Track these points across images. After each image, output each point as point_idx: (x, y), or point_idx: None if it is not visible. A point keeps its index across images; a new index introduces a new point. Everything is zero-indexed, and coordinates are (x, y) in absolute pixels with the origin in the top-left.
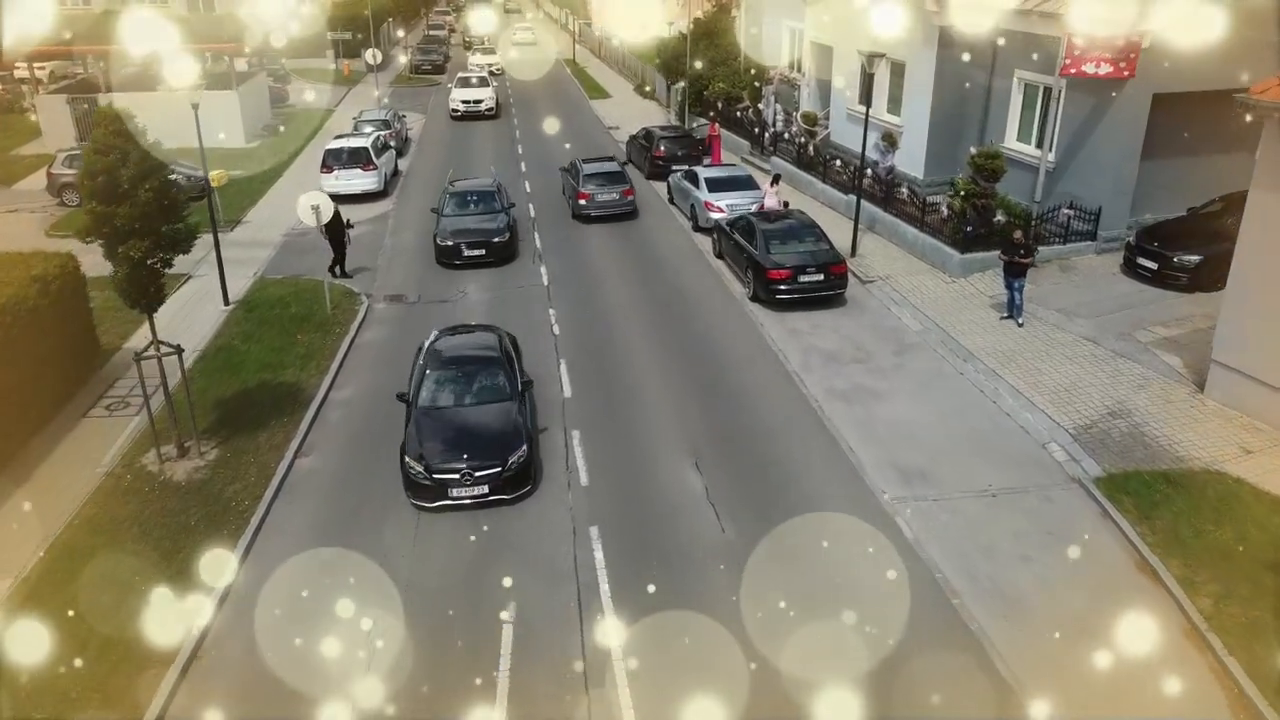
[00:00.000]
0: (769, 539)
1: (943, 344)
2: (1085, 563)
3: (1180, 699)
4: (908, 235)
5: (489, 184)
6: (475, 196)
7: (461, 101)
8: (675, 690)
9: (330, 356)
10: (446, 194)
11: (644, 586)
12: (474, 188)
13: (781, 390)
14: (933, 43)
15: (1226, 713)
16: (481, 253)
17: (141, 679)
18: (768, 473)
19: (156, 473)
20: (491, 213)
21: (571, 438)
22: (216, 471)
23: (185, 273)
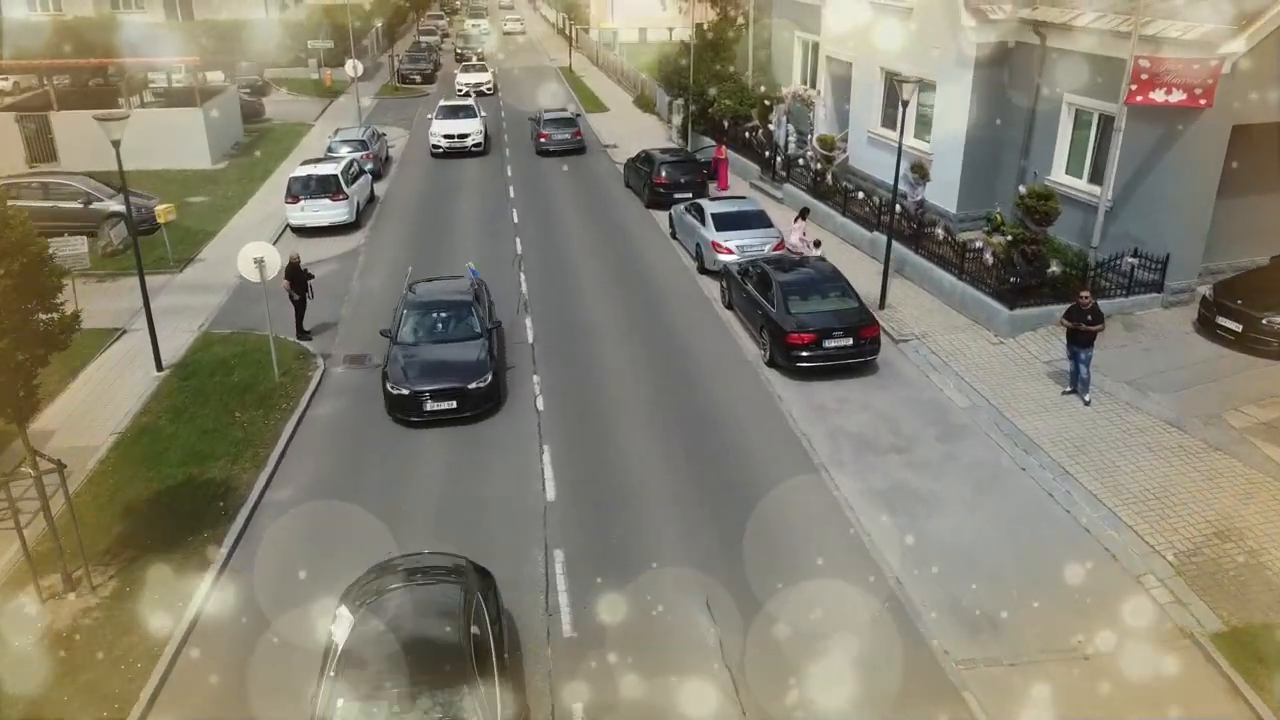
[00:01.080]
0: None
1: (996, 426)
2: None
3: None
4: (944, 283)
5: (464, 290)
6: (444, 312)
7: (444, 136)
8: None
9: (271, 442)
10: (402, 307)
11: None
12: (442, 295)
13: (808, 493)
14: (969, 61)
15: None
16: (452, 405)
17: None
18: (798, 625)
19: (34, 616)
20: (466, 338)
21: (553, 558)
22: (111, 613)
23: (118, 327)
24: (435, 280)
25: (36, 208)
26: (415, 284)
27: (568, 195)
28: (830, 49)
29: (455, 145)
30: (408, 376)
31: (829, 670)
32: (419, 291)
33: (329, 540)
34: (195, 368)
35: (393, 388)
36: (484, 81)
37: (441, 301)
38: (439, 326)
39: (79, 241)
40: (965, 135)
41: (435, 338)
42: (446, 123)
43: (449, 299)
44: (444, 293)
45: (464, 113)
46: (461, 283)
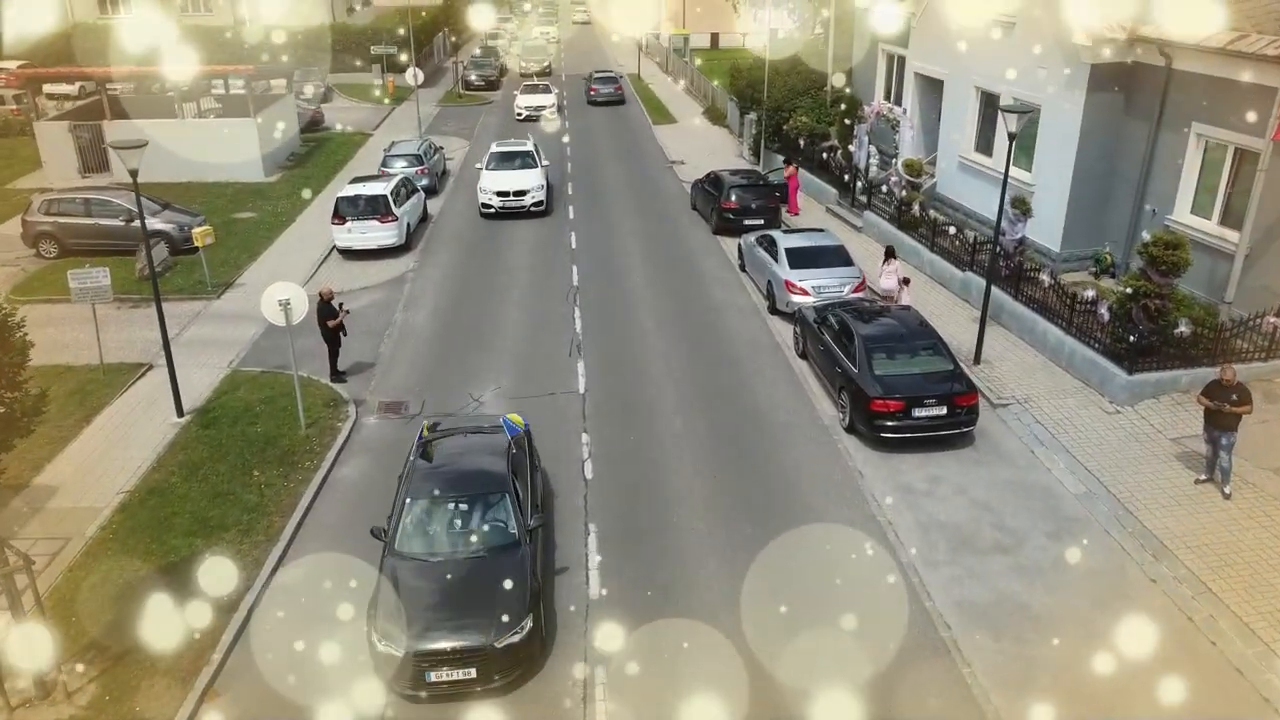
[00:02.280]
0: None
1: (1118, 522)
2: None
3: None
4: (1048, 336)
5: (496, 458)
6: (466, 500)
7: (496, 193)
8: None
9: (288, 510)
10: (406, 491)
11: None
12: (464, 467)
13: (894, 603)
14: (1080, 83)
15: None
16: (470, 674)
17: None
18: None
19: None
20: (497, 547)
21: (594, 677)
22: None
23: (145, 361)
24: (456, 434)
25: (79, 225)
26: (430, 443)
27: (630, 218)
28: (919, 64)
29: (510, 205)
30: (405, 624)
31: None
32: (434, 458)
33: (340, 637)
34: (218, 414)
35: (381, 643)
36: (546, 105)
37: (464, 477)
38: (457, 524)
39: (100, 274)
40: (1073, 166)
41: (450, 547)
42: (500, 175)
43: (475, 473)
44: (468, 462)
45: (521, 161)
46: (494, 443)
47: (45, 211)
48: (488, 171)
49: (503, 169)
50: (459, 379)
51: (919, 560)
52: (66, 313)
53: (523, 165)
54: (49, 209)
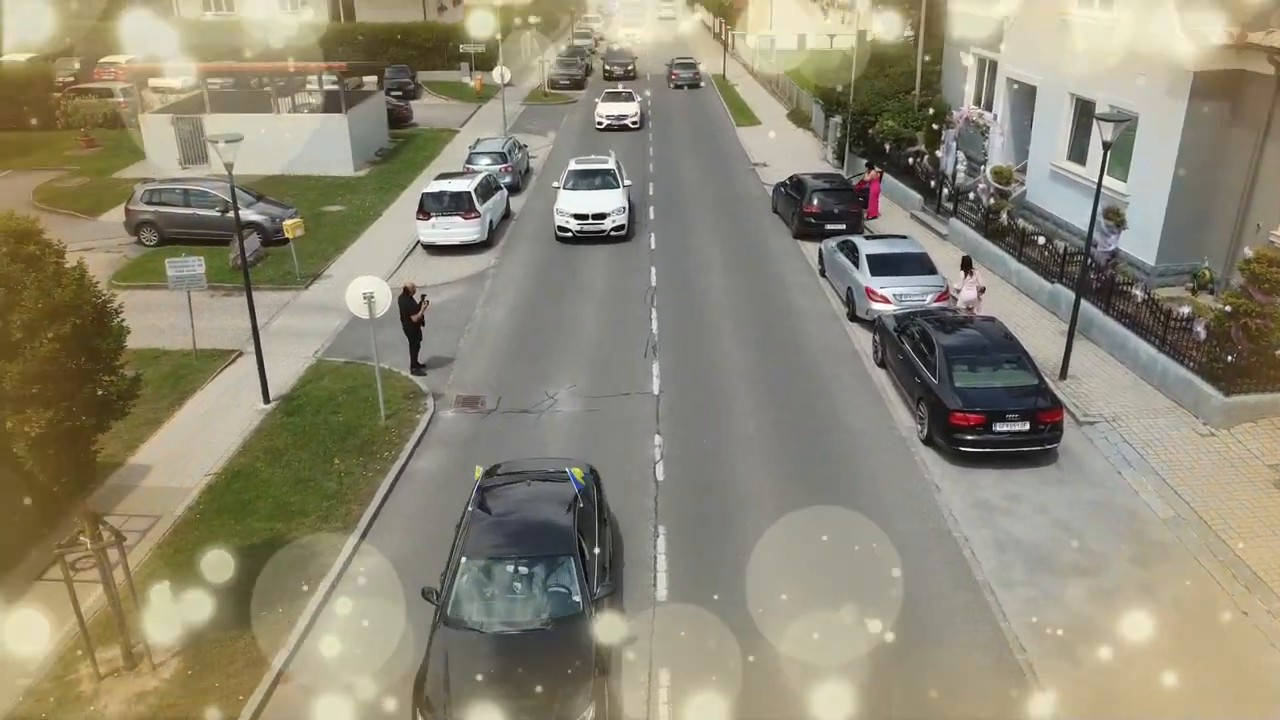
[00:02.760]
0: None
1: (1209, 550)
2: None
3: None
4: (1140, 353)
5: (560, 514)
6: (526, 557)
7: (574, 216)
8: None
9: (366, 499)
10: (467, 528)
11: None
12: (526, 523)
13: (967, 621)
14: (1182, 92)
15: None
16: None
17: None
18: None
19: (88, 696)
20: (558, 620)
21: (658, 674)
22: (166, 700)
23: (236, 348)
24: (518, 482)
25: (177, 214)
26: (490, 490)
27: (710, 220)
28: (1011, 69)
29: (589, 229)
30: (453, 708)
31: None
32: (494, 509)
33: (408, 629)
34: (302, 402)
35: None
36: (628, 114)
37: (525, 534)
38: (516, 590)
39: (196, 262)
40: (1171, 177)
41: (507, 617)
42: (578, 196)
43: (537, 530)
44: (530, 517)
45: (602, 180)
46: (559, 493)
47: (146, 201)
48: (565, 192)
49: (581, 189)
50: (535, 376)
51: (993, 578)
52: (163, 299)
53: (603, 185)
54: (150, 198)
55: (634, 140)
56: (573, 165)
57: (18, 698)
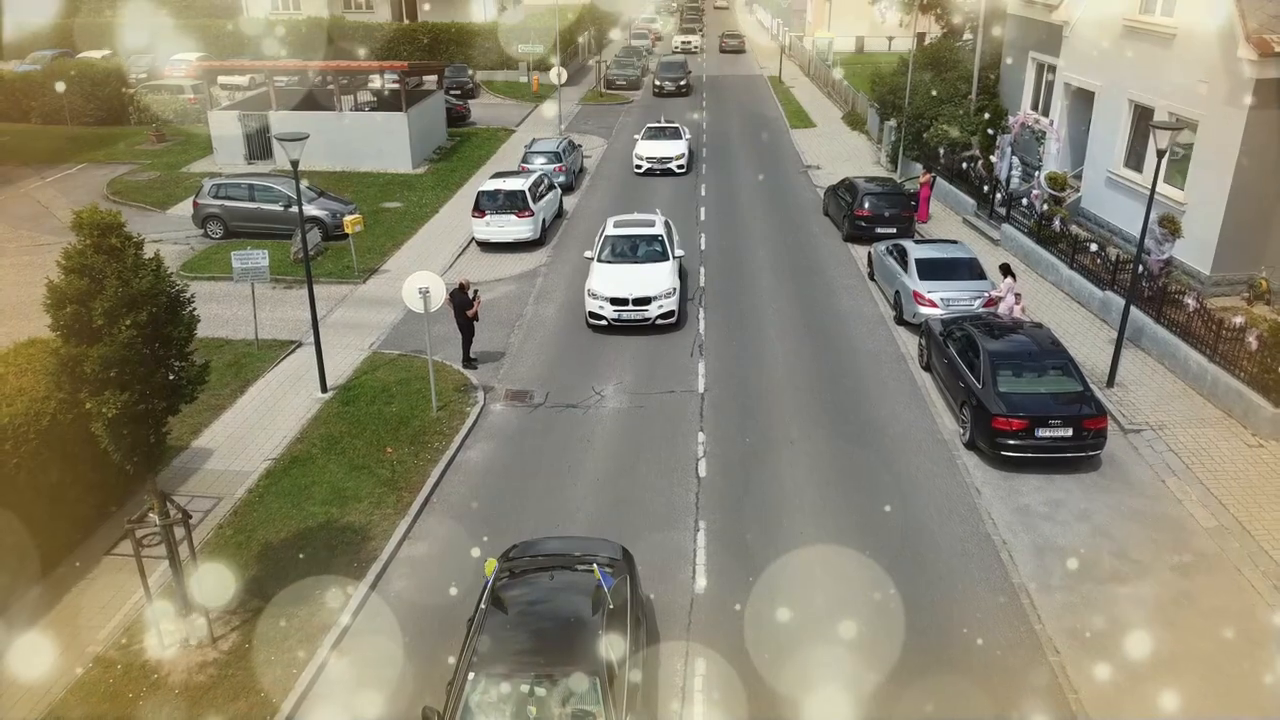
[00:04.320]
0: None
1: (1252, 561)
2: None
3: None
4: (1190, 362)
5: (586, 631)
6: (543, 674)
7: (610, 300)
8: None
9: (416, 487)
10: (477, 632)
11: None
12: (545, 629)
13: (1002, 623)
14: (1242, 100)
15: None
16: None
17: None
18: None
19: (153, 665)
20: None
21: (694, 657)
22: (225, 672)
23: (295, 339)
24: (539, 573)
25: (242, 208)
26: (506, 586)
27: (760, 220)
28: (1070, 75)
29: (628, 318)
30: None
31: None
32: (509, 609)
33: (455, 610)
34: (357, 392)
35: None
36: (672, 156)
37: (544, 645)
38: (532, 712)
39: (260, 255)
40: (1229, 185)
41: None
42: (616, 272)
43: (558, 641)
44: (551, 621)
45: (646, 250)
46: (585, 587)
47: (213, 195)
48: (599, 264)
49: (619, 262)
50: (583, 373)
51: (1029, 582)
52: (227, 290)
53: (648, 257)
54: (217, 193)
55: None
56: (610, 229)
57: (87, 665)
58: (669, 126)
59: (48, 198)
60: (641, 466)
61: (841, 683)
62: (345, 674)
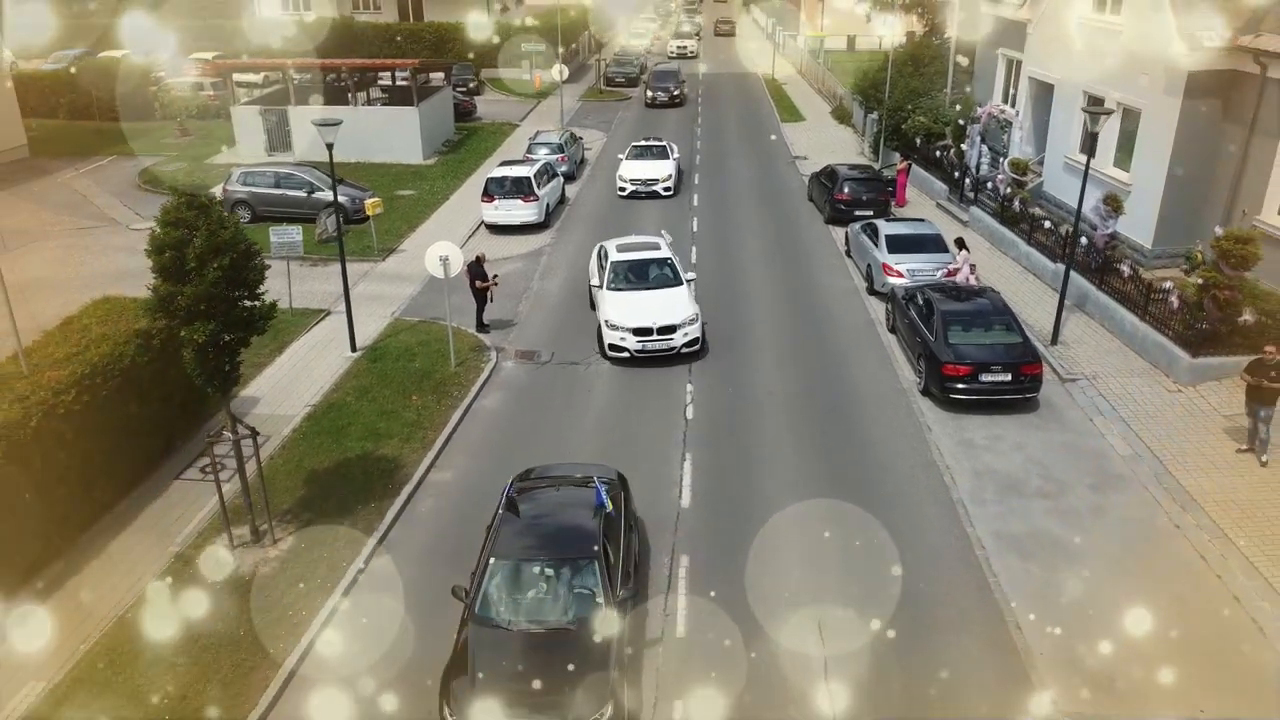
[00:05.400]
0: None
1: (1157, 481)
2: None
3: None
4: (1125, 323)
5: (587, 527)
6: (552, 559)
7: (632, 330)
8: None
9: (439, 427)
10: (497, 531)
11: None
12: (553, 527)
13: (939, 530)
14: (1178, 89)
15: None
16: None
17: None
18: (908, 659)
19: (224, 560)
20: (581, 620)
21: (678, 562)
22: (285, 565)
23: (324, 308)
24: (547, 487)
25: (269, 194)
26: (520, 496)
27: (749, 205)
28: (1033, 68)
29: (654, 346)
30: (477, 700)
31: (930, 696)
32: (523, 513)
33: (473, 527)
34: (383, 352)
35: (451, 717)
36: (659, 178)
37: (552, 538)
38: (542, 590)
39: (295, 231)
40: (1168, 167)
41: (533, 616)
42: (625, 301)
43: (564, 534)
44: (558, 521)
45: (658, 275)
46: (587, 499)
47: (242, 182)
48: (610, 293)
49: (632, 289)
50: (583, 337)
51: (967, 497)
52: None
53: (660, 282)
54: (245, 180)
55: (682, 126)
56: (614, 254)
57: (169, 561)
58: (656, 145)
59: (83, 186)
60: (636, 411)
61: (803, 572)
62: (386, 568)
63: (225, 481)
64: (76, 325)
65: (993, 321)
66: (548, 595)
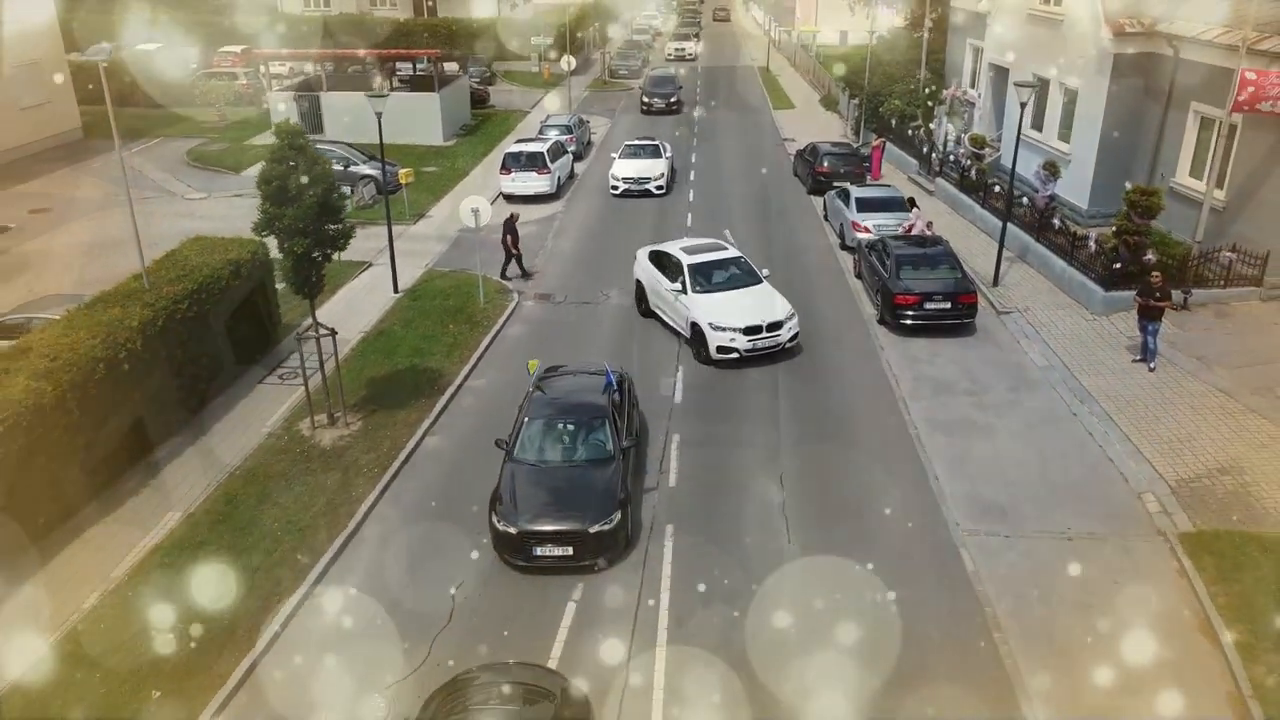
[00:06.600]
0: (833, 549)
1: (1064, 383)
2: (1145, 616)
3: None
4: (1055, 267)
5: (599, 399)
6: (572, 419)
7: (742, 331)
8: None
9: (474, 347)
10: (528, 403)
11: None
12: (572, 399)
13: (883, 416)
14: (1105, 70)
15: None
16: (568, 552)
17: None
18: (853, 493)
19: (308, 437)
20: (594, 460)
21: (671, 439)
22: (356, 441)
23: (367, 260)
24: (567, 373)
25: None
26: (545, 378)
27: (740, 181)
28: (992, 55)
29: (764, 342)
30: (519, 510)
31: (864, 530)
32: (548, 391)
33: (507, 415)
34: (421, 293)
35: (500, 523)
36: (651, 177)
37: (572, 405)
38: (564, 441)
39: (344, 189)
40: (1099, 138)
41: (557, 457)
42: (722, 301)
43: (581, 402)
44: (576, 396)
45: (734, 275)
46: (598, 382)
47: None
48: (698, 295)
49: (720, 290)
50: (592, 282)
51: (907, 395)
52: None
53: (743, 281)
54: None
55: (680, 122)
56: (684, 256)
57: (262, 438)
58: (649, 144)
59: (138, 164)
60: (640, 338)
61: (766, 436)
62: (438, 444)
63: (310, 376)
64: (178, 256)
65: (937, 262)
66: (568, 444)
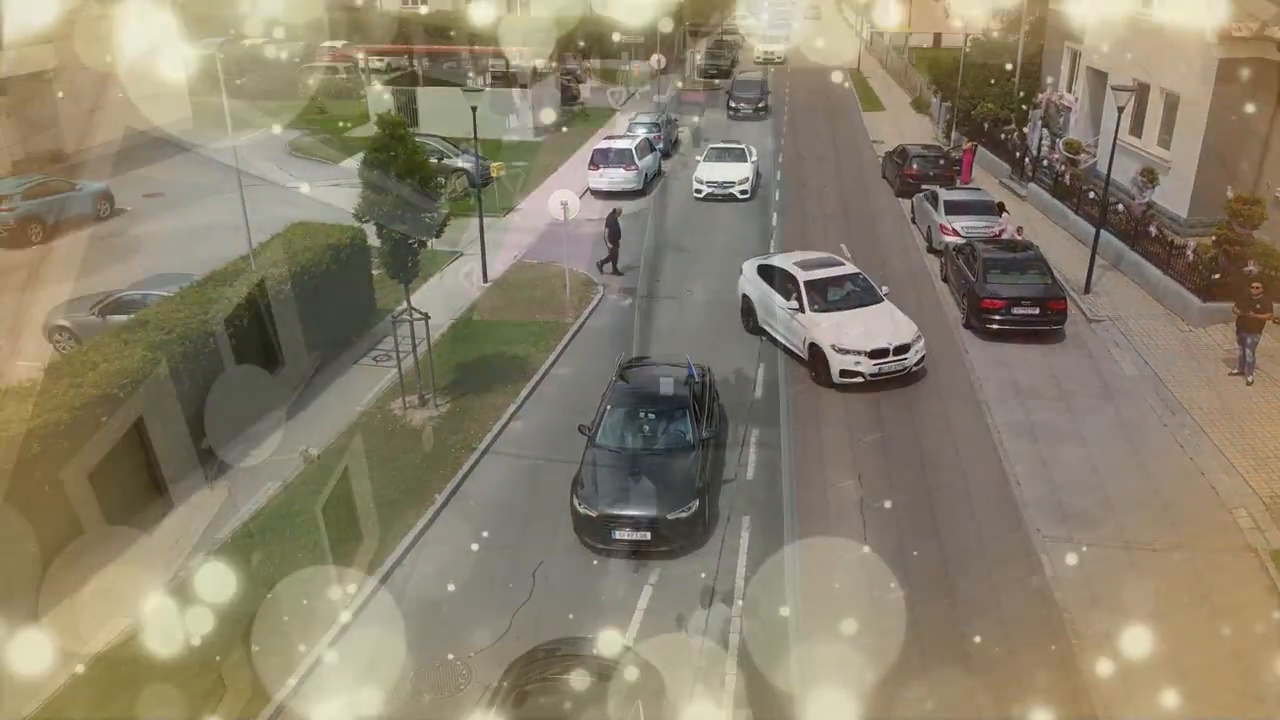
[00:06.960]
0: (909, 547)
1: (1155, 393)
2: (1233, 632)
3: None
4: (1151, 276)
5: (680, 390)
6: (653, 409)
7: (868, 355)
8: None
9: (559, 337)
10: (610, 392)
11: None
12: (655, 389)
13: (966, 420)
14: (1210, 76)
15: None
16: (645, 536)
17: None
18: (932, 495)
19: (399, 416)
20: (674, 449)
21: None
22: (444, 422)
23: (458, 250)
24: (650, 365)
25: None
26: (628, 369)
27: (829, 182)
28: (1090, 59)
29: (890, 366)
30: (599, 494)
31: (946, 538)
32: (631, 381)
33: (589, 404)
34: (510, 283)
35: (581, 506)
36: (735, 181)
37: (655, 395)
38: (645, 429)
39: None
40: (1201, 145)
41: (638, 445)
42: (844, 321)
43: (663, 393)
44: (659, 386)
45: (852, 293)
46: (680, 374)
47: None
48: (817, 314)
49: (839, 310)
50: (678, 278)
51: (992, 400)
52: None
53: (863, 300)
54: None
55: (767, 125)
56: (800, 271)
57: (355, 417)
58: (734, 147)
59: (243, 153)
60: (722, 334)
61: (848, 447)
62: (522, 428)
63: (403, 358)
64: (283, 240)
65: (1026, 267)
66: (649, 432)
